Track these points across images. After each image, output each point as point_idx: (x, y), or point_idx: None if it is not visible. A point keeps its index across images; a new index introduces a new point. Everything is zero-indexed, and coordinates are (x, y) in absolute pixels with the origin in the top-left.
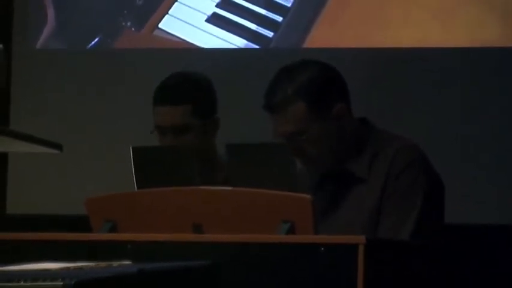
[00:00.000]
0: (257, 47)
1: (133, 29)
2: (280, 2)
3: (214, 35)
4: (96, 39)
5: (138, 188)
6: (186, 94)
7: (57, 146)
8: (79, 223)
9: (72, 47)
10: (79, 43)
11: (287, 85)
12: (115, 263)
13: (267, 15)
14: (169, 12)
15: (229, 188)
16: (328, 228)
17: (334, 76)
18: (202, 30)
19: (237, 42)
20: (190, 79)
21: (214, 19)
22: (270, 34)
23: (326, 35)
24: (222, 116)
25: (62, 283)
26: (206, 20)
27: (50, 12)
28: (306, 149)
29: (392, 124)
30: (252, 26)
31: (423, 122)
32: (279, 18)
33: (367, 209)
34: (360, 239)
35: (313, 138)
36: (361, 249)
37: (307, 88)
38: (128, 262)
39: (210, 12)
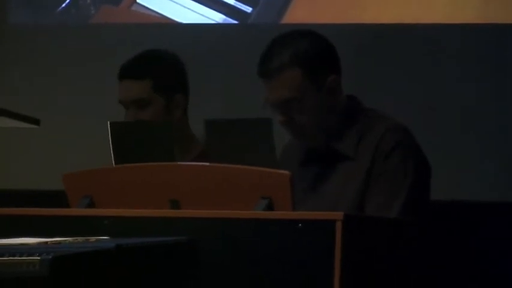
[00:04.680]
0: (236, 22)
1: None
2: None
3: (193, 10)
4: (67, 1)
5: (115, 163)
6: (146, 69)
7: (35, 121)
8: (56, 198)
9: (47, 20)
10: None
11: (284, 52)
12: (92, 239)
13: None
14: None
15: (207, 164)
16: (313, 206)
17: (330, 47)
18: (180, 5)
19: (216, 17)
20: (153, 55)
21: None
22: (248, 9)
23: (304, 10)
24: (199, 91)
25: (39, 258)
26: None
27: None
28: (296, 119)
29: (372, 101)
30: (231, 1)
31: (404, 98)
32: None
33: (353, 188)
34: (338, 215)
35: (305, 107)
36: (338, 225)
37: (304, 55)
38: (105, 237)
39: None
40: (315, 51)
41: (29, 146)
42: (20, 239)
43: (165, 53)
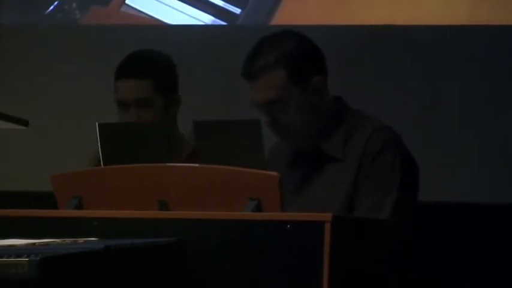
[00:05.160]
0: (224, 23)
1: None
2: None
3: (181, 11)
4: (56, 3)
5: (104, 164)
6: (149, 69)
7: (23, 122)
8: (45, 200)
9: (35, 20)
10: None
11: (268, 52)
12: (81, 240)
13: None
14: None
15: (196, 165)
16: (300, 207)
17: (315, 48)
18: (169, 6)
19: (204, 18)
20: (152, 56)
21: None
22: (237, 11)
23: (293, 12)
24: (188, 92)
25: (27, 259)
26: None
27: None
28: (281, 119)
29: (367, 102)
30: (220, 3)
31: (390, 100)
32: None
33: (341, 190)
34: (326, 216)
35: (290, 108)
36: (327, 226)
37: (289, 56)
38: (94, 239)
39: None
40: (300, 52)
41: (15, 146)
42: (7, 240)
43: (159, 54)
